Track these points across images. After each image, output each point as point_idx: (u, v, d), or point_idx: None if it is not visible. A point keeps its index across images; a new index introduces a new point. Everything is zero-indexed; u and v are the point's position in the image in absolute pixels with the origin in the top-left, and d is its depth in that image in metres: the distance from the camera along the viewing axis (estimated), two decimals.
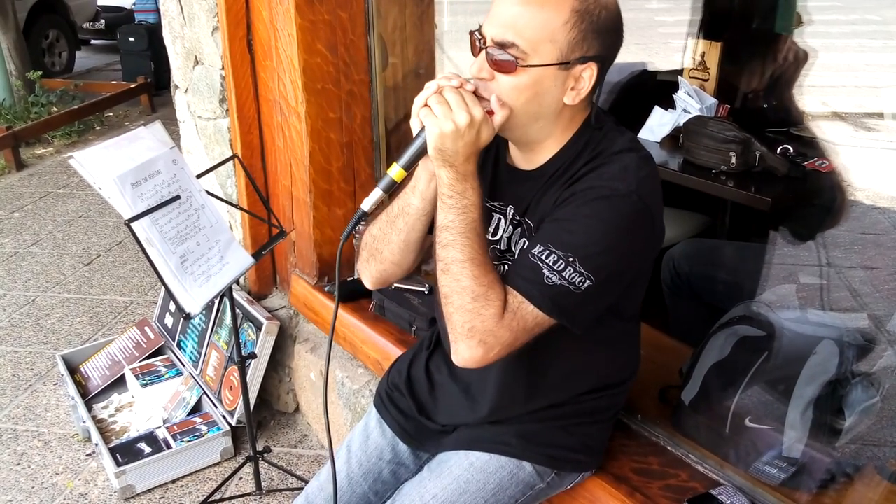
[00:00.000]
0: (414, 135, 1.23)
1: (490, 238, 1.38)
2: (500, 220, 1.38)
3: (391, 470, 1.56)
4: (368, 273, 1.44)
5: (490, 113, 1.20)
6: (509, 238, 1.37)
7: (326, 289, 2.40)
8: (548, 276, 1.18)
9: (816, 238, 2.27)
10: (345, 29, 2.22)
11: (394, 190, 1.26)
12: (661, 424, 1.66)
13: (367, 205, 1.25)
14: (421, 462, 1.56)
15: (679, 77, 2.52)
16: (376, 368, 2.16)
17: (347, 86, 2.29)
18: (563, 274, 1.17)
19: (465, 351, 1.20)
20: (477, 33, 1.22)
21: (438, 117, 1.16)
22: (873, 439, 1.59)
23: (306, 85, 2.21)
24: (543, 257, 1.18)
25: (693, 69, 2.50)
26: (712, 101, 2.43)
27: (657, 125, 2.49)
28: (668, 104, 2.51)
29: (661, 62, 3.24)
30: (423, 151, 1.21)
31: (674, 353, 1.86)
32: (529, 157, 1.33)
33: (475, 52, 1.22)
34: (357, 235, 2.30)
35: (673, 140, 2.42)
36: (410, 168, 1.24)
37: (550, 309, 1.19)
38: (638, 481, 1.52)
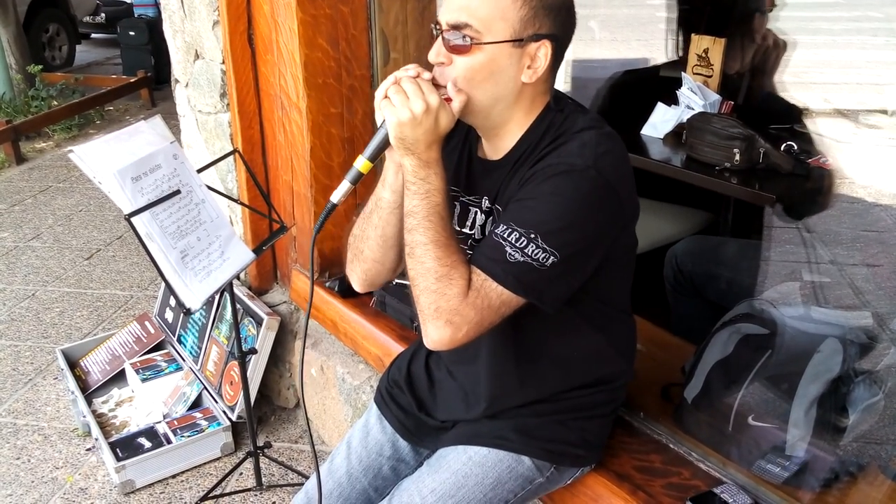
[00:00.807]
0: (377, 126, 1.25)
1: (467, 231, 1.40)
2: (476, 212, 1.39)
3: (391, 466, 1.56)
4: (355, 275, 1.46)
5: (448, 100, 1.22)
6: (482, 226, 1.39)
7: (327, 284, 2.39)
8: (510, 254, 1.19)
9: (805, 219, 2.24)
10: (346, 23, 2.21)
11: (362, 182, 1.28)
12: (663, 422, 1.65)
13: (336, 196, 1.27)
14: (421, 458, 1.56)
15: (682, 73, 2.51)
16: (377, 364, 2.16)
17: (349, 81, 2.28)
18: (526, 251, 1.19)
19: (434, 332, 1.21)
20: (434, 23, 1.26)
21: (396, 107, 1.19)
22: (876, 437, 1.58)
23: (307, 80, 2.20)
24: (506, 235, 1.20)
25: (696, 65, 2.48)
26: (716, 97, 2.42)
27: (660, 121, 2.47)
28: (672, 100, 2.49)
29: (663, 58, 3.23)
30: (386, 142, 1.24)
31: (676, 351, 1.86)
32: (496, 146, 1.35)
33: (433, 40, 1.26)
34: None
35: (676, 136, 2.40)
36: (375, 159, 1.26)
37: (515, 286, 1.20)
38: (640, 479, 1.51)
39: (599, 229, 1.24)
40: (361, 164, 1.25)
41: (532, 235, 1.18)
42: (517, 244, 1.19)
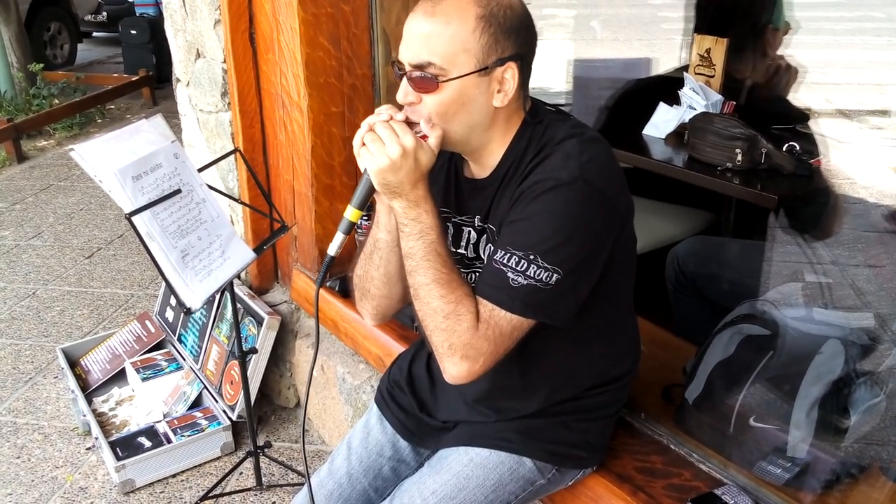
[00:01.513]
0: (361, 173, 1.26)
1: (462, 251, 1.40)
2: (469, 231, 1.40)
3: (391, 467, 1.56)
4: (366, 312, 1.48)
5: (424, 137, 1.23)
6: (476, 244, 1.38)
7: (328, 284, 2.39)
8: (513, 279, 1.19)
9: (812, 233, 2.23)
10: (347, 23, 2.21)
11: (354, 229, 1.30)
12: (664, 423, 1.65)
13: (332, 249, 1.28)
14: (421, 459, 1.56)
15: (684, 73, 2.50)
16: (378, 364, 2.16)
17: (350, 80, 2.27)
18: (528, 273, 1.19)
19: (452, 368, 1.22)
20: (395, 63, 1.26)
21: (374, 154, 1.20)
22: (878, 439, 1.58)
23: (308, 79, 2.20)
24: (505, 261, 1.20)
25: (698, 65, 2.47)
26: (718, 97, 2.41)
27: (662, 122, 2.46)
28: (674, 100, 2.49)
29: (664, 58, 3.22)
30: (372, 188, 1.25)
31: (678, 352, 1.86)
32: (481, 165, 1.35)
33: (398, 80, 1.25)
34: (359, 230, 2.29)
35: (678, 137, 2.40)
36: (364, 206, 1.27)
37: (522, 310, 1.21)
38: (641, 480, 1.51)
39: (598, 237, 1.24)
40: (351, 213, 1.26)
41: (531, 257, 1.18)
42: (518, 268, 1.19)
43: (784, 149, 2.12)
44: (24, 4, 7.23)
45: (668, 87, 2.54)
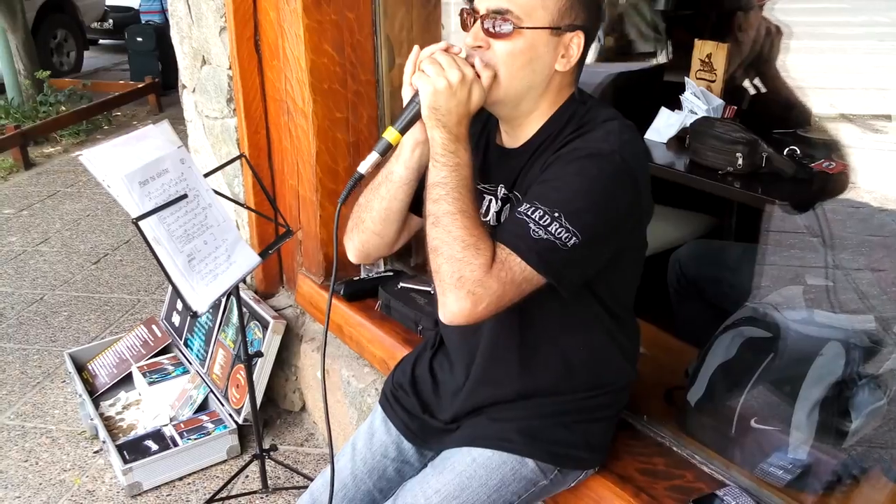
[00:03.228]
0: (405, 102, 1.27)
1: (485, 220, 1.40)
2: (490, 200, 1.40)
3: (396, 468, 1.57)
4: (352, 245, 1.46)
5: (477, 76, 1.23)
6: (498, 213, 1.39)
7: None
8: (534, 230, 1.19)
9: (815, 209, 2.23)
10: (352, 29, 2.23)
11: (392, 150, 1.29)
12: (666, 425, 1.66)
13: (363, 167, 1.27)
14: (425, 460, 1.57)
15: (685, 78, 2.52)
16: (382, 367, 2.17)
17: (354, 86, 2.29)
18: (549, 229, 1.19)
19: (454, 303, 1.18)
20: (468, 9, 1.27)
21: (431, 76, 1.21)
22: (880, 441, 1.59)
23: (313, 85, 2.22)
24: (530, 213, 1.20)
25: (699, 70, 2.49)
26: (719, 102, 2.42)
27: (664, 126, 2.48)
28: (675, 105, 2.50)
29: (664, 59, 3.24)
30: (417, 115, 1.25)
31: (680, 354, 1.86)
32: (516, 134, 1.36)
33: (467, 27, 1.28)
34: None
35: (679, 141, 2.41)
36: (406, 131, 1.27)
37: (537, 263, 1.20)
38: (643, 481, 1.52)
39: (618, 216, 1.25)
40: (392, 135, 1.25)
41: (556, 214, 1.19)
42: (541, 221, 1.19)
43: (785, 153, 2.13)
44: (30, 12, 7.28)
45: (668, 92, 2.55)
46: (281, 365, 2.61)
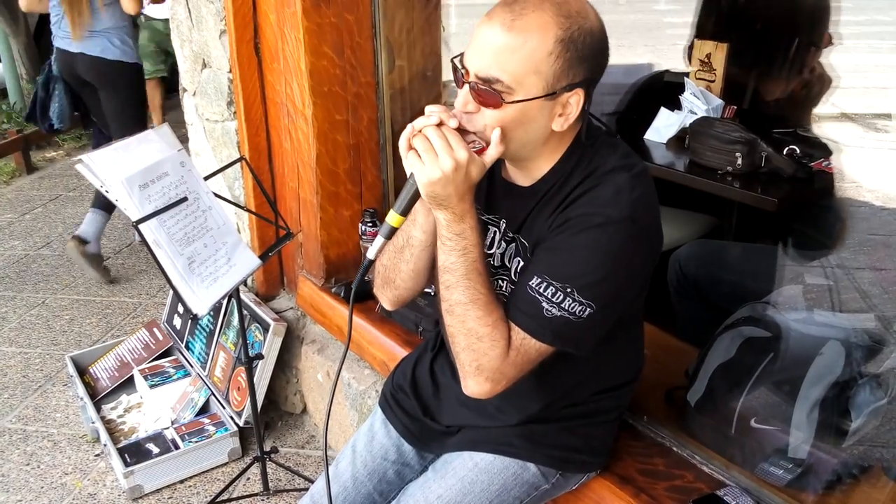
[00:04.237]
0: (407, 175, 1.20)
1: (486, 251, 1.37)
2: (494, 232, 1.39)
3: (396, 470, 1.57)
4: (385, 297, 1.49)
5: (481, 151, 1.18)
6: (503, 254, 1.37)
7: (333, 290, 2.41)
8: (547, 309, 1.19)
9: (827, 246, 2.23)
10: (351, 32, 2.23)
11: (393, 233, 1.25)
12: (666, 425, 1.66)
13: (371, 253, 1.25)
14: (425, 463, 1.57)
15: (685, 78, 2.52)
16: (382, 369, 2.17)
17: (354, 88, 2.29)
18: (563, 305, 1.19)
19: (475, 387, 1.24)
20: (459, 64, 1.20)
21: (425, 165, 1.14)
22: (881, 441, 1.58)
23: (313, 87, 2.22)
24: (541, 290, 1.19)
25: (699, 70, 2.49)
26: (718, 102, 2.43)
27: (663, 126, 2.48)
28: (675, 105, 2.50)
29: (668, 64, 3.24)
30: (416, 195, 1.20)
31: (680, 355, 1.86)
32: (523, 174, 1.33)
33: (459, 84, 1.21)
34: (363, 237, 2.31)
35: (679, 141, 2.41)
36: (408, 213, 1.22)
37: (552, 340, 1.22)
38: (643, 482, 1.52)
39: (635, 274, 1.26)
40: (394, 219, 1.21)
41: (568, 290, 1.18)
42: (553, 299, 1.19)
43: (784, 152, 2.13)
44: (32, 17, 7.30)
45: (668, 92, 2.55)
46: (282, 367, 2.61)
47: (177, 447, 2.43)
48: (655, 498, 1.48)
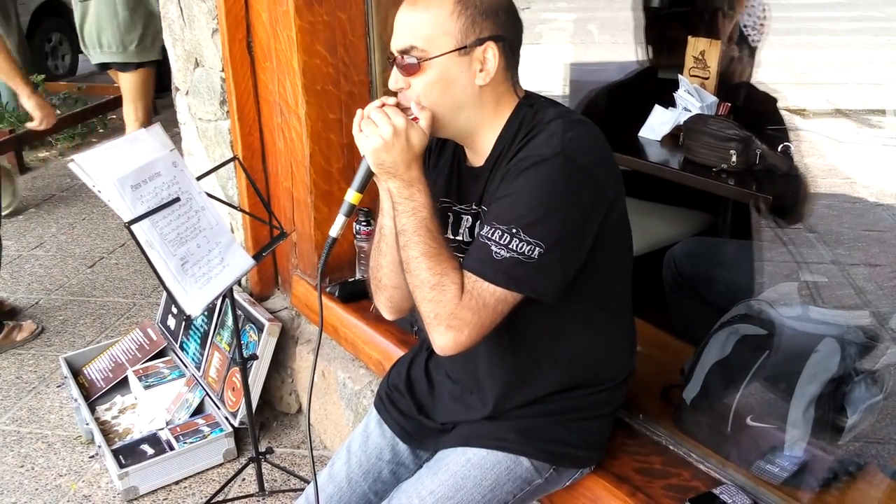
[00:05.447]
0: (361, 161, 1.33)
1: (460, 239, 1.44)
2: (467, 219, 1.43)
3: (391, 470, 1.57)
4: (382, 305, 1.52)
5: (415, 119, 1.29)
6: (470, 229, 1.42)
7: (328, 289, 2.40)
8: (496, 252, 1.23)
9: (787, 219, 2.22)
10: (344, 30, 2.23)
11: (355, 213, 1.37)
12: (662, 424, 1.65)
13: (334, 231, 1.34)
14: (420, 462, 1.57)
15: (679, 75, 2.52)
16: (378, 369, 2.17)
17: (347, 87, 2.29)
18: (510, 246, 1.23)
19: (439, 338, 1.26)
20: (388, 55, 1.33)
21: (368, 136, 1.27)
22: (876, 437, 1.59)
23: (306, 86, 2.21)
24: (490, 235, 1.24)
25: (693, 67, 2.49)
26: (713, 99, 2.42)
27: (657, 124, 2.48)
28: (669, 102, 2.50)
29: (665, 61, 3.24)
30: (370, 171, 1.31)
31: (675, 352, 1.86)
32: (477, 152, 1.39)
33: (389, 70, 1.33)
34: (357, 236, 2.31)
35: (673, 139, 2.41)
36: (364, 189, 1.33)
37: (506, 282, 1.24)
38: (639, 480, 1.52)
39: (581, 212, 1.26)
40: (352, 196, 1.33)
41: (514, 230, 1.22)
42: (501, 241, 1.23)
43: (779, 149, 2.13)
44: (25, 16, 7.26)
45: (662, 89, 2.55)
46: (277, 367, 2.60)
47: (172, 448, 2.42)
48: (651, 496, 1.48)
